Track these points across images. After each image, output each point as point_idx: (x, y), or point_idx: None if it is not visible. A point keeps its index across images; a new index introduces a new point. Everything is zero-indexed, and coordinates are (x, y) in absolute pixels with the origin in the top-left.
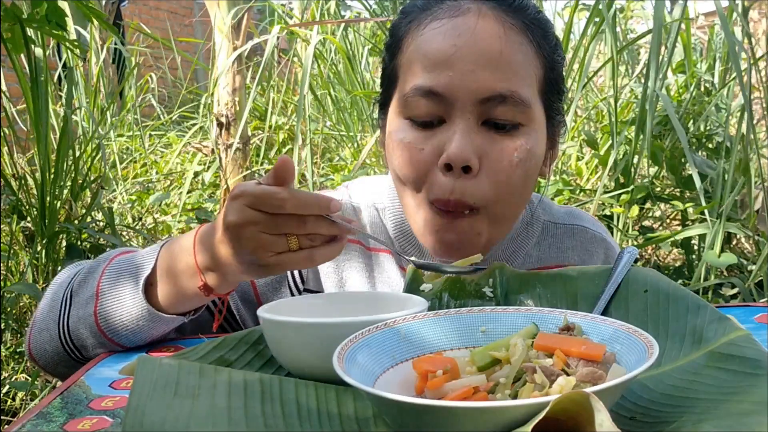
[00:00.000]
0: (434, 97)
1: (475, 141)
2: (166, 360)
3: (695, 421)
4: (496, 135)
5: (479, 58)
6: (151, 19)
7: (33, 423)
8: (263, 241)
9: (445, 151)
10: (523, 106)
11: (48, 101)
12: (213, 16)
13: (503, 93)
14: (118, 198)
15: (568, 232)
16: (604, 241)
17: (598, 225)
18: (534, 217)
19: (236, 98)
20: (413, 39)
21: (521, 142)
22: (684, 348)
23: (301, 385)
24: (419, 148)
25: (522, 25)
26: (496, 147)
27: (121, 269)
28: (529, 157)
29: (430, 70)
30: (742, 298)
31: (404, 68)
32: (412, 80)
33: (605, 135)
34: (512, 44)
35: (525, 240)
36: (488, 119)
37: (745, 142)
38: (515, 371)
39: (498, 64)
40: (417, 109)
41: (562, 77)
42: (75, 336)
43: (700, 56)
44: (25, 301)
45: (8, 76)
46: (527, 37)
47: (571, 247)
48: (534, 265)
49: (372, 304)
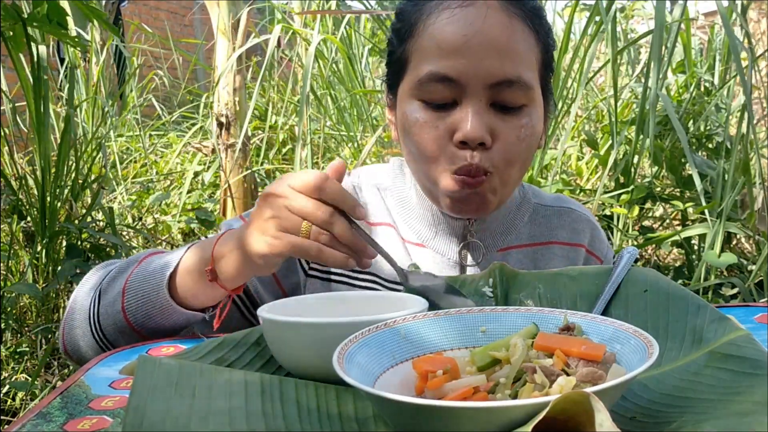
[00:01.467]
0: (448, 82)
1: (487, 121)
2: (166, 360)
3: (695, 421)
4: (503, 115)
5: (489, 47)
6: (151, 19)
7: (33, 423)
8: (284, 214)
9: (460, 130)
10: (527, 88)
11: (48, 101)
12: (213, 16)
13: (511, 78)
14: (118, 198)
15: (556, 213)
16: (590, 221)
17: (584, 208)
18: (525, 199)
19: (236, 98)
20: (425, 27)
21: (525, 120)
22: (684, 348)
23: (301, 385)
24: (434, 127)
25: (523, 14)
26: (504, 126)
27: (149, 267)
28: (532, 133)
29: (444, 58)
30: (742, 298)
31: (417, 54)
32: (426, 66)
33: (605, 135)
34: (517, 33)
35: (517, 219)
36: (496, 101)
37: (745, 142)
38: (515, 371)
39: (506, 51)
40: (432, 92)
41: (554, 58)
42: (107, 332)
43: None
44: (25, 301)
45: (8, 76)
46: (528, 25)
47: (559, 226)
48: (525, 242)
49: (372, 304)
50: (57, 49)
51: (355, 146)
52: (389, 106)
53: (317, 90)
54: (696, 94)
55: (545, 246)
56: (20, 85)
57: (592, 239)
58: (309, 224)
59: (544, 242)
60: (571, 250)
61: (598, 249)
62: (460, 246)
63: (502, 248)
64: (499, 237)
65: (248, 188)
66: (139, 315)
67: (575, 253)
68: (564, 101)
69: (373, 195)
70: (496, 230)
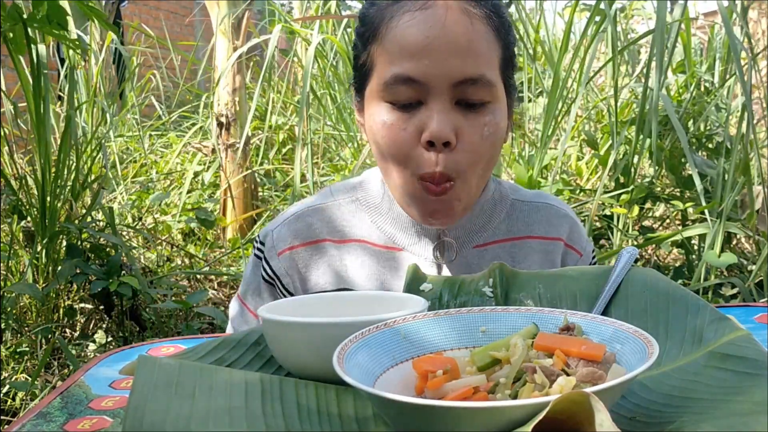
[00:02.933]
0: (412, 83)
1: (452, 119)
2: (166, 360)
3: (695, 421)
4: (468, 113)
5: (451, 47)
6: (151, 19)
7: (33, 423)
8: None
9: (427, 130)
10: (490, 86)
11: (48, 101)
12: (213, 16)
13: (473, 77)
14: (118, 198)
15: (534, 209)
16: (568, 216)
17: (563, 204)
18: (502, 196)
19: (236, 98)
20: (387, 30)
21: (489, 117)
22: (684, 348)
23: (301, 385)
24: (402, 128)
25: (483, 13)
26: (469, 123)
27: None
28: (497, 130)
29: (408, 60)
30: (742, 298)
31: (381, 57)
32: (390, 68)
33: (605, 135)
34: (478, 33)
35: (493, 215)
36: (460, 99)
37: (745, 142)
38: (515, 371)
39: (467, 51)
40: (397, 94)
41: (515, 54)
42: None
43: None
44: (25, 301)
45: (9, 76)
46: (488, 24)
47: (537, 221)
48: (502, 237)
49: (372, 304)
50: (57, 49)
51: (354, 146)
52: (358, 110)
53: (317, 90)
54: (696, 94)
55: (522, 240)
56: (20, 85)
57: (570, 233)
58: None
59: (522, 237)
60: (549, 244)
61: (577, 242)
62: (434, 246)
63: (478, 245)
64: (475, 234)
65: (248, 188)
66: None
67: (553, 246)
68: (564, 101)
69: (352, 210)
70: (472, 228)
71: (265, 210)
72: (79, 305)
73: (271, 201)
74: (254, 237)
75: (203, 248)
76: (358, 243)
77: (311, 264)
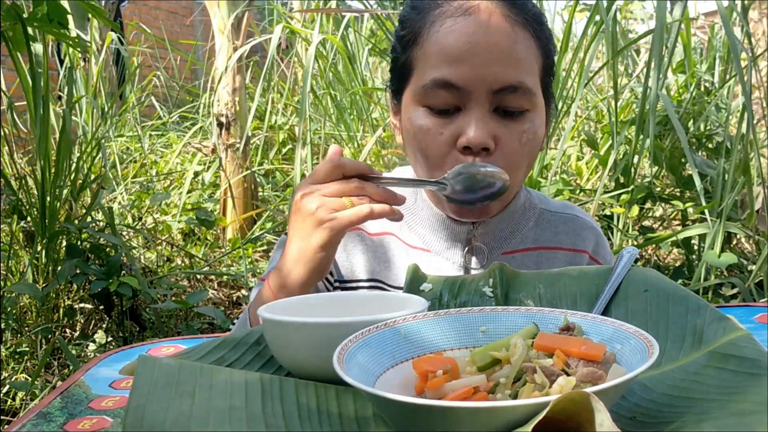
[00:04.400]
0: (452, 88)
1: (490, 126)
2: (166, 360)
3: (695, 421)
4: (506, 120)
5: (492, 54)
6: (151, 19)
7: (33, 423)
8: (324, 200)
9: (464, 135)
10: (530, 94)
11: (48, 101)
12: (213, 16)
13: (513, 84)
14: (118, 198)
15: (562, 219)
16: (594, 229)
17: (588, 216)
18: (531, 204)
19: (236, 98)
20: (429, 34)
21: (528, 125)
22: (684, 348)
23: (301, 385)
24: (438, 132)
25: (524, 20)
26: (507, 131)
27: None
28: (534, 138)
29: (448, 65)
30: (742, 298)
31: (421, 61)
32: (430, 73)
33: (605, 135)
34: (519, 39)
35: (523, 222)
36: (499, 107)
37: (745, 141)
38: (515, 371)
39: (508, 58)
40: (436, 98)
41: (554, 63)
42: None
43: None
44: (25, 301)
45: (8, 76)
46: (529, 31)
47: (564, 232)
48: (530, 245)
49: (372, 304)
50: (57, 49)
51: (355, 146)
52: (394, 112)
53: (317, 90)
54: (696, 94)
55: (550, 250)
56: (21, 85)
57: (596, 246)
58: (349, 199)
59: (549, 247)
60: (575, 256)
61: (601, 255)
62: (464, 250)
63: (506, 251)
64: (504, 241)
65: (248, 188)
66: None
67: (579, 258)
68: (564, 101)
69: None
70: (501, 234)
71: (265, 210)
72: (79, 305)
73: (271, 201)
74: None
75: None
76: (391, 236)
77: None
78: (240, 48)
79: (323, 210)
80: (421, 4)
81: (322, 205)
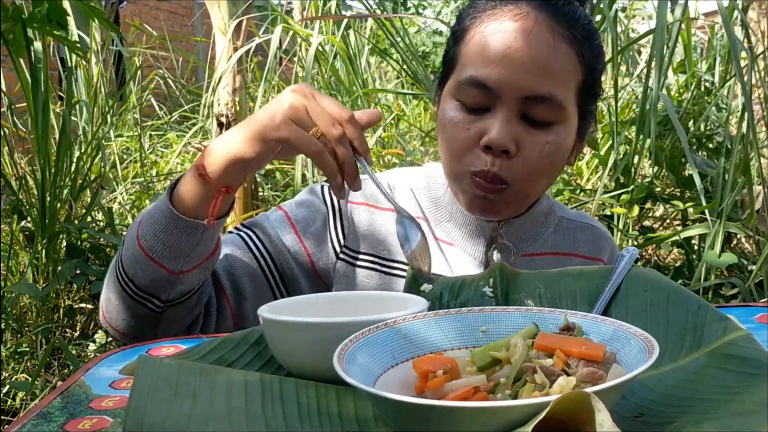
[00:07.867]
0: (484, 88)
1: (514, 130)
2: (166, 360)
3: (695, 421)
4: (531, 128)
5: (528, 62)
6: (151, 19)
7: (33, 423)
8: (300, 112)
9: (487, 135)
10: (558, 108)
11: (48, 101)
12: (213, 17)
13: (543, 95)
14: (118, 198)
15: (579, 228)
16: (610, 239)
17: (603, 226)
18: (551, 211)
19: (236, 98)
20: (475, 32)
21: (552, 137)
22: (684, 348)
23: (301, 385)
24: (465, 128)
25: (570, 36)
26: (530, 138)
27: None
28: (557, 150)
29: (485, 65)
30: (742, 298)
31: (464, 57)
32: (468, 70)
33: (605, 135)
34: (558, 53)
35: (544, 227)
36: (527, 114)
37: (745, 141)
38: (515, 371)
39: (543, 69)
40: (468, 95)
41: (599, 82)
42: (131, 274)
43: (700, 56)
44: (25, 301)
45: (8, 76)
46: (573, 47)
47: (581, 240)
48: (550, 250)
49: (372, 304)
50: (57, 49)
51: None
52: (437, 102)
53: None
54: (696, 94)
55: (567, 257)
56: (20, 85)
57: (611, 255)
58: (319, 131)
59: (567, 253)
60: (591, 264)
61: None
62: (490, 247)
63: (527, 253)
64: (526, 243)
65: (248, 188)
66: (149, 236)
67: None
68: None
69: (407, 195)
70: (523, 236)
71: (265, 210)
72: (79, 305)
73: (271, 201)
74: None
75: None
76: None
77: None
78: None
79: (288, 112)
80: (480, 3)
81: (294, 109)
